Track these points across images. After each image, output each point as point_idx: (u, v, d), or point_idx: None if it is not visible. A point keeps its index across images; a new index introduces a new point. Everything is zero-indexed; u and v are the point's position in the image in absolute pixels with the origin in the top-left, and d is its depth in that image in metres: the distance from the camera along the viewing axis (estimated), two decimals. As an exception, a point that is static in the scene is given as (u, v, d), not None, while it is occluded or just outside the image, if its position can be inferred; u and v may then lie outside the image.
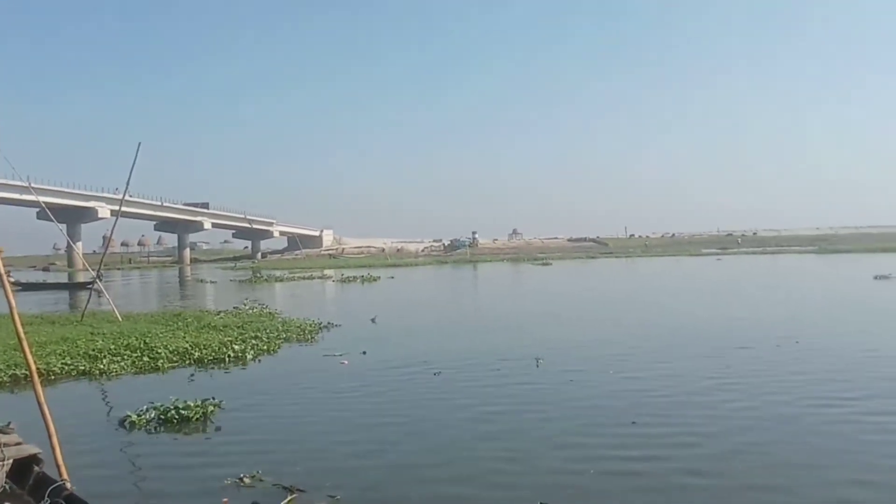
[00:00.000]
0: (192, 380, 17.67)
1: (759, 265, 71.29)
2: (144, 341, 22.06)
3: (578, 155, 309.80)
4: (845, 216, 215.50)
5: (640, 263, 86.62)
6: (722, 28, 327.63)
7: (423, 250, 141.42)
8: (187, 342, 21.93)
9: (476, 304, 41.49)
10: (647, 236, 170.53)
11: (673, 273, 63.91)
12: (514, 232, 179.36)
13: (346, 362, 19.68)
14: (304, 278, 69.02)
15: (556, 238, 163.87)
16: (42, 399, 8.48)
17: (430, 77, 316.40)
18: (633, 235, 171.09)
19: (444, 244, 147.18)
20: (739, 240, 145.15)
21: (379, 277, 62.37)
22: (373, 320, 29.69)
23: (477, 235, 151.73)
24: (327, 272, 78.21)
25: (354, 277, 62.40)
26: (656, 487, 9.38)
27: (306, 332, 25.77)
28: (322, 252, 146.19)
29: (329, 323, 28.27)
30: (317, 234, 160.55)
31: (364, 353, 21.05)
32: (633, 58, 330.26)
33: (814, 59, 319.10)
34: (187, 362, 19.83)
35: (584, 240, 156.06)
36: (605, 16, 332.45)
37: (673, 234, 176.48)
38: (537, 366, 18.30)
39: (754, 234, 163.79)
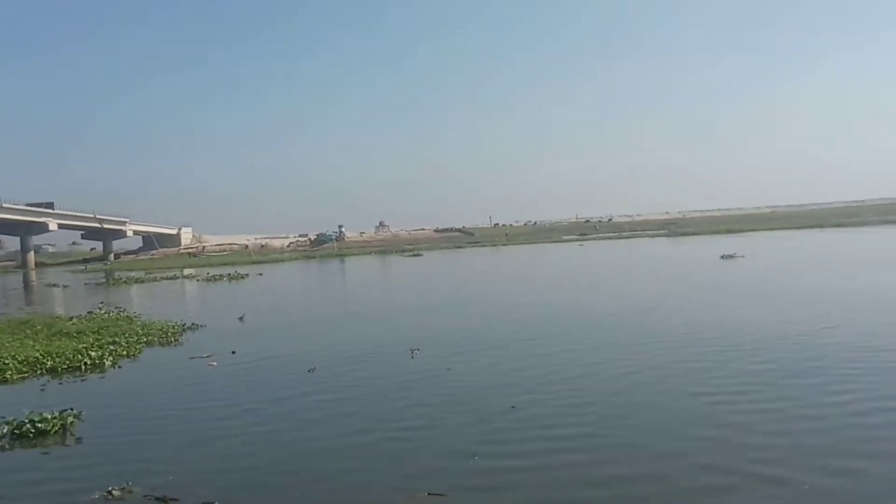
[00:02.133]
0: (44, 390, 16.55)
1: (618, 250, 74.82)
2: (-13, 352, 20.35)
3: (441, 146, 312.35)
4: (692, 201, 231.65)
5: (508, 251, 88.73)
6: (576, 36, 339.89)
7: (288, 246, 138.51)
8: (38, 351, 20.46)
9: (348, 297, 41.11)
10: (511, 224, 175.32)
11: (545, 259, 66.16)
12: (381, 224, 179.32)
13: (214, 364, 18.98)
14: (165, 279, 66.00)
15: (423, 229, 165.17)
16: None
17: (288, 66, 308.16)
18: (497, 224, 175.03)
19: (310, 239, 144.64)
20: (597, 226, 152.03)
21: (247, 275, 60.55)
22: (241, 319, 28.82)
23: (343, 229, 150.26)
24: (188, 271, 75.24)
25: (221, 276, 60.25)
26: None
27: (169, 334, 24.69)
28: (181, 251, 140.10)
29: (194, 324, 27.21)
30: (174, 232, 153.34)
31: (233, 352, 20.42)
32: (493, 47, 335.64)
33: (649, 54, 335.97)
34: (39, 372, 18.55)
35: (451, 230, 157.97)
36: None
37: (535, 222, 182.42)
38: (412, 356, 18.40)
39: (610, 220, 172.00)
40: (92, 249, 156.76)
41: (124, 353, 20.95)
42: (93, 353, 20.05)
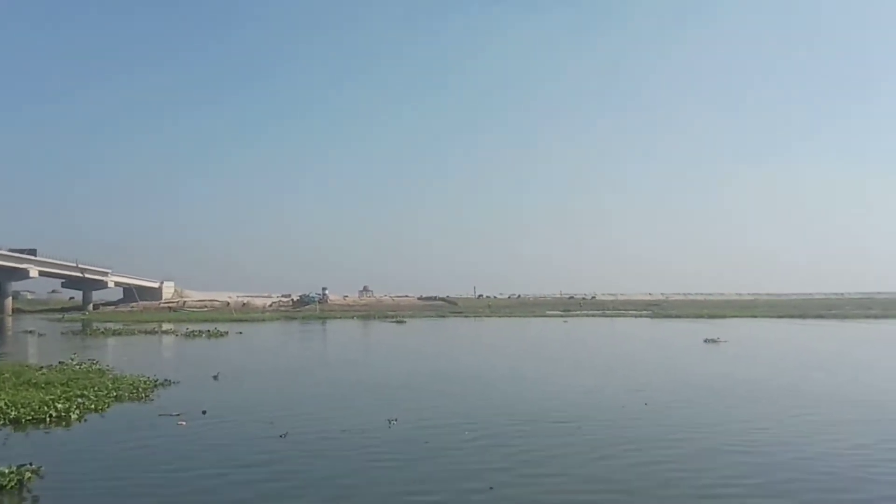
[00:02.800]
0: (5, 443, 15.95)
1: (604, 328, 74.66)
2: (-51, 400, 19.74)
3: (428, 216, 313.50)
4: (674, 285, 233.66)
5: (492, 323, 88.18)
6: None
7: (270, 305, 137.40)
8: (2, 400, 19.85)
9: (329, 362, 40.46)
10: (495, 297, 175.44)
11: (533, 336, 65.79)
12: (365, 289, 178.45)
13: (183, 423, 18.47)
14: (143, 332, 64.95)
15: (406, 296, 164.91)
16: None
17: (279, 123, 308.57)
18: (481, 296, 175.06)
19: (293, 299, 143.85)
20: (581, 302, 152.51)
21: (227, 332, 59.67)
22: (215, 377, 28.26)
23: (327, 291, 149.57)
24: (167, 326, 74.19)
25: (199, 332, 59.35)
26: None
27: (140, 389, 24.11)
28: (161, 304, 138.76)
29: (167, 380, 26.62)
30: (156, 285, 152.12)
31: (204, 412, 19.91)
32: (490, 117, 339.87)
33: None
34: (2, 422, 17.97)
35: (435, 298, 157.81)
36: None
37: (519, 296, 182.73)
38: (389, 427, 18.01)
39: (593, 297, 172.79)
40: (71, 298, 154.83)
41: (92, 406, 20.42)
42: (59, 406, 19.50)
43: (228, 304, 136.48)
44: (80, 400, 20.84)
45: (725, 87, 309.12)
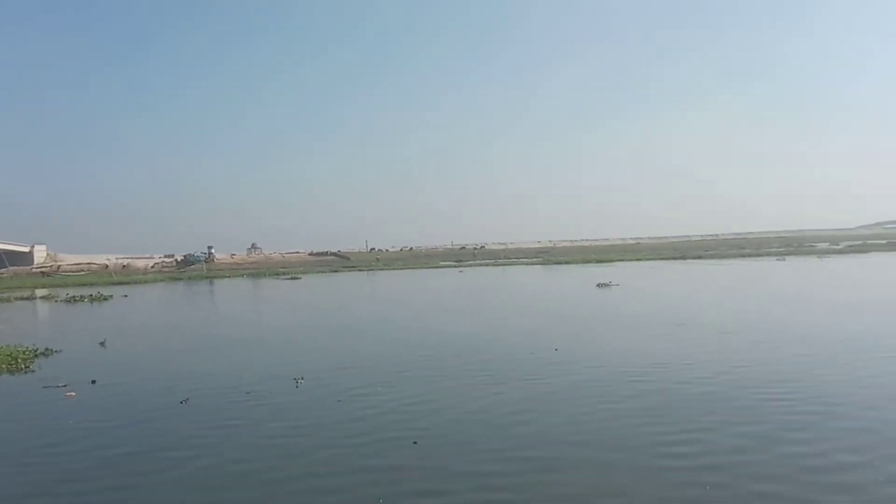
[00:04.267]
0: None
1: (500, 277, 75.52)
2: None
3: (316, 170, 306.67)
4: (560, 231, 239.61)
5: (387, 276, 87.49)
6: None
7: (152, 266, 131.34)
8: None
9: (222, 320, 38.82)
10: (386, 250, 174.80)
11: (428, 286, 65.59)
12: (254, 246, 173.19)
13: (72, 394, 17.05)
14: (18, 299, 60.48)
15: (297, 252, 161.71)
16: None
17: (157, 83, 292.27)
18: (373, 249, 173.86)
19: (176, 259, 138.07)
20: (475, 252, 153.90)
21: (111, 296, 56.38)
22: (102, 344, 26.51)
23: (213, 250, 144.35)
24: (42, 292, 69.45)
25: (81, 297, 55.79)
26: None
27: (19, 360, 22.21)
28: (33, 270, 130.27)
29: (48, 349, 24.70)
30: (27, 250, 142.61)
31: (94, 382, 18.49)
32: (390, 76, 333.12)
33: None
34: None
35: (326, 254, 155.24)
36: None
37: (410, 248, 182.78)
38: (297, 386, 17.26)
39: (482, 247, 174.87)
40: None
41: (-36, 381, 18.57)
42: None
43: (107, 266, 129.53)
44: (-51, 375, 18.95)
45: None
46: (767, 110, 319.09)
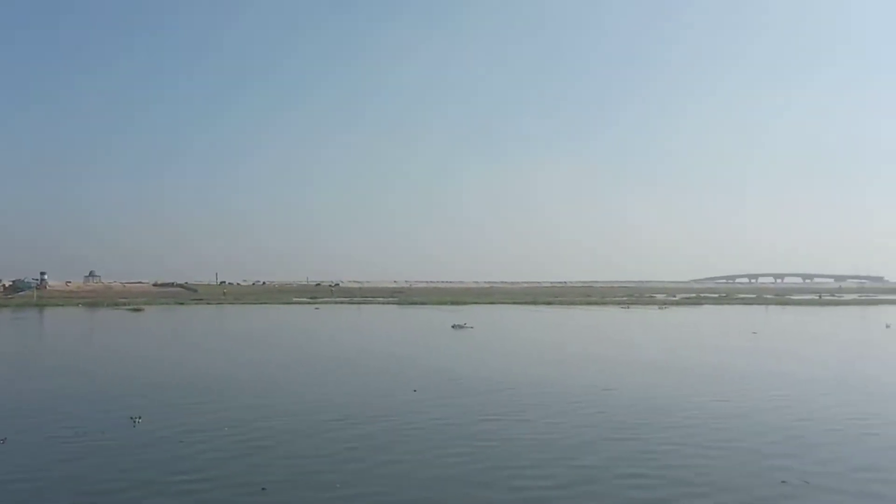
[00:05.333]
0: None
1: (354, 316, 74.42)
2: None
3: (165, 195, 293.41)
4: (418, 272, 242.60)
5: (237, 311, 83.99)
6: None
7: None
8: None
9: (51, 352, 35.55)
10: (238, 283, 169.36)
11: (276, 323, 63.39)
12: (91, 274, 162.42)
13: None
14: None
15: (140, 282, 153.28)
16: None
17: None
18: (223, 282, 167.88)
19: (4, 285, 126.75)
20: (332, 289, 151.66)
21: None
22: None
23: (46, 276, 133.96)
24: None
25: None
26: None
27: None
28: None
29: None
30: None
31: None
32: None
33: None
34: None
35: (172, 285, 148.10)
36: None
37: (263, 282, 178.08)
38: (135, 426, 15.89)
39: (337, 284, 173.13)
40: None
41: None
42: None
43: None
44: None
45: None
46: (608, 168, 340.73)
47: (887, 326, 52.13)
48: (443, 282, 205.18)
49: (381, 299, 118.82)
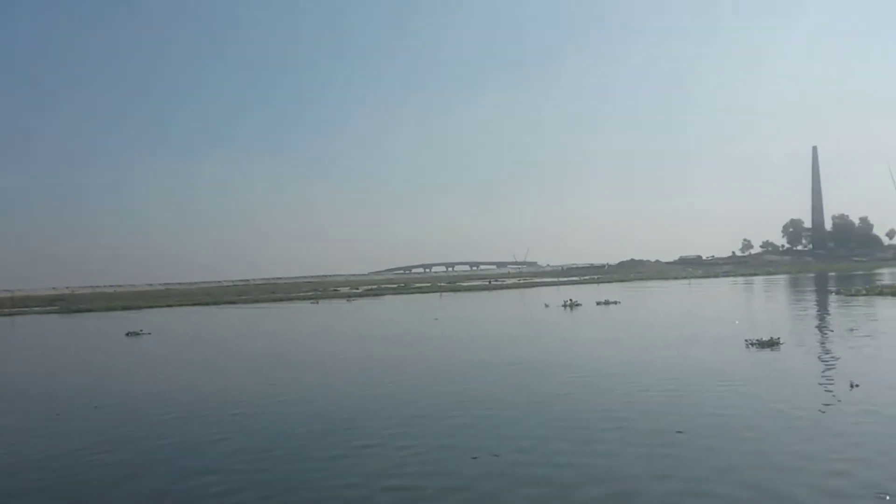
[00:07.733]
0: None
1: (12, 329, 65.69)
2: None
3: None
4: (80, 278, 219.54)
5: None
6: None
7: None
8: None
9: None
10: None
11: None
12: None
13: None
14: None
15: None
16: None
17: None
18: None
19: None
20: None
21: None
22: None
23: None
24: None
25: None
26: None
27: None
28: None
29: None
30: None
31: None
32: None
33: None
34: None
35: None
36: None
37: None
38: None
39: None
40: None
41: None
42: None
43: None
44: None
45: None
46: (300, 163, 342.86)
47: (546, 306, 59.35)
48: (112, 286, 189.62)
49: (38, 309, 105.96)
